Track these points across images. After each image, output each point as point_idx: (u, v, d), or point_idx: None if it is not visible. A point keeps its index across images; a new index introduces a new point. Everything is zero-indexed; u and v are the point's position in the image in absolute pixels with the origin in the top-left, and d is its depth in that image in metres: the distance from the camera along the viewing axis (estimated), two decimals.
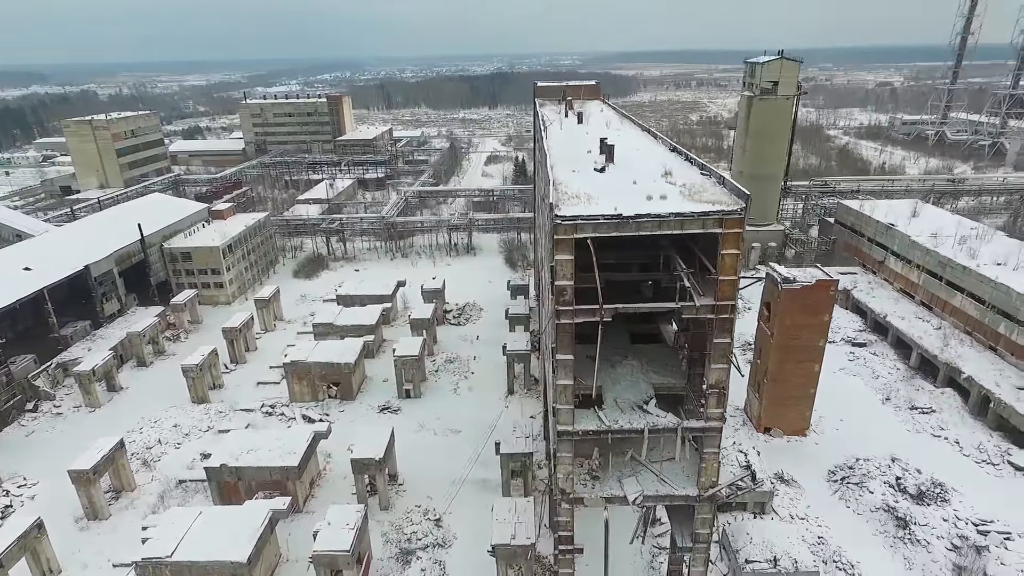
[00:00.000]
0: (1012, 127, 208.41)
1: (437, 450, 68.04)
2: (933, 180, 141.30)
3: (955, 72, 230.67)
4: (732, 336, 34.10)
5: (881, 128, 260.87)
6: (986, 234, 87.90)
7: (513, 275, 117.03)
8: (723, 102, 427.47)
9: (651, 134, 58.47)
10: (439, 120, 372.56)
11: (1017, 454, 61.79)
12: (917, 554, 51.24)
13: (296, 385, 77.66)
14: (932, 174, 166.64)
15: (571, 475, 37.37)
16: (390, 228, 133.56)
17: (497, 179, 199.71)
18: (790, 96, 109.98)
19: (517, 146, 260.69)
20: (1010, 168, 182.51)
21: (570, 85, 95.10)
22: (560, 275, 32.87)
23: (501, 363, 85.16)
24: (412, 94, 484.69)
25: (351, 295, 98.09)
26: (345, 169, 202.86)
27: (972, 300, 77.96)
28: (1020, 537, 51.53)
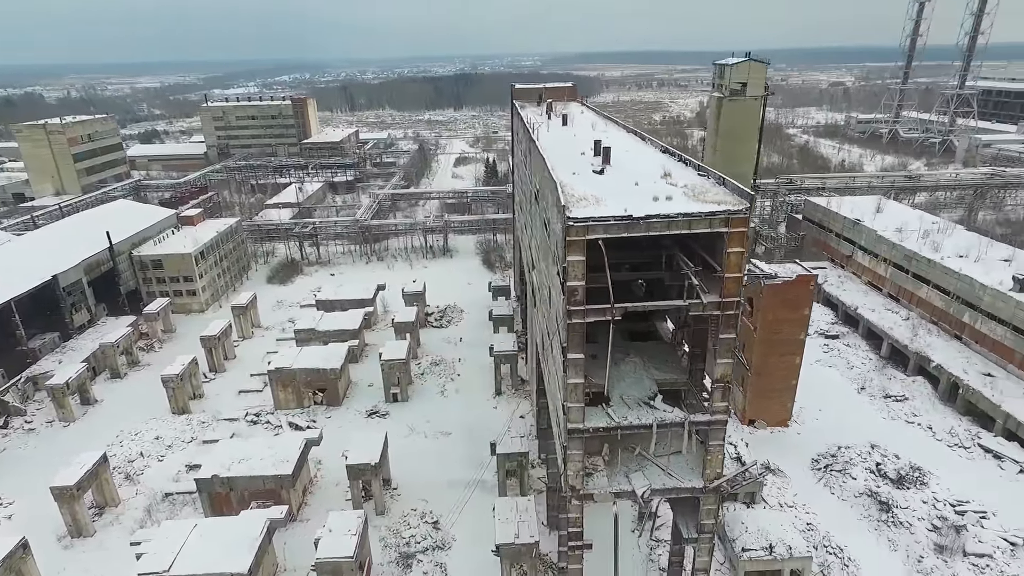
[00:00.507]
0: (960, 125, 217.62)
1: (429, 453, 68.03)
2: (892, 177, 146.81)
3: (906, 73, 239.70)
4: (737, 331, 35.21)
5: (838, 127, 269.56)
6: (947, 228, 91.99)
7: (491, 276, 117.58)
8: (684, 102, 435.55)
9: (637, 135, 59.59)
10: (404, 122, 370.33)
11: (986, 437, 64.92)
12: (900, 536, 53.50)
13: (281, 392, 76.61)
14: (889, 171, 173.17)
15: (581, 472, 38.01)
16: (365, 231, 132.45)
17: (468, 180, 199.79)
18: (758, 97, 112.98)
19: (485, 147, 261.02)
20: (959, 164, 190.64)
21: (548, 87, 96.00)
22: (572, 276, 33.44)
23: (486, 364, 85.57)
24: (375, 96, 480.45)
25: (331, 300, 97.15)
26: (313, 172, 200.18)
27: (937, 291, 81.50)
28: (994, 516, 54.26)
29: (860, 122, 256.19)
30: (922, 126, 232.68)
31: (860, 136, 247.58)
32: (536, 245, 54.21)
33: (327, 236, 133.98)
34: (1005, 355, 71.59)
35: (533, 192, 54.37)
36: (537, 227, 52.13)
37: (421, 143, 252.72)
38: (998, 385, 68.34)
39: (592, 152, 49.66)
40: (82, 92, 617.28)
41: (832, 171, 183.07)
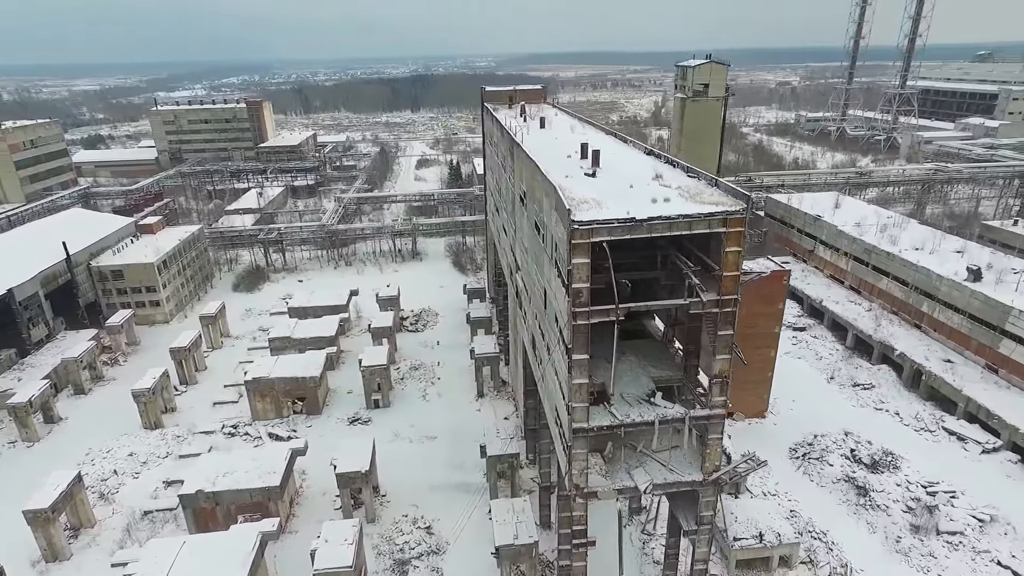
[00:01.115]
0: (902, 123, 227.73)
1: (415, 458, 67.73)
2: (846, 173, 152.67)
3: (851, 73, 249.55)
4: (735, 328, 36.37)
5: (788, 125, 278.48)
6: (902, 222, 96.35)
7: (463, 279, 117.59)
8: (639, 102, 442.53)
9: (618, 137, 60.62)
10: (361, 124, 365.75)
11: (950, 420, 68.40)
12: (878, 518, 55.96)
13: (259, 403, 75.04)
14: (840, 167, 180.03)
15: (585, 470, 38.62)
16: (331, 236, 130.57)
17: (431, 183, 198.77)
18: (719, 98, 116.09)
19: (446, 149, 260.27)
20: (904, 160, 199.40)
21: (518, 89, 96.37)
22: (577, 278, 33.98)
23: (466, 367, 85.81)
24: (330, 98, 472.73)
25: (304, 307, 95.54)
26: (272, 177, 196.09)
27: (897, 283, 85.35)
28: (963, 495, 57.27)
29: (809, 120, 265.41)
30: (867, 124, 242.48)
31: (810, 134, 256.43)
32: (524, 247, 54.64)
33: (293, 242, 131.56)
34: (962, 342, 75.53)
35: (519, 195, 54.81)
36: (525, 229, 52.58)
37: (382, 146, 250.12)
38: (957, 371, 72.10)
39: (579, 155, 50.40)
40: (15, 95, 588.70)
41: (786, 168, 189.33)
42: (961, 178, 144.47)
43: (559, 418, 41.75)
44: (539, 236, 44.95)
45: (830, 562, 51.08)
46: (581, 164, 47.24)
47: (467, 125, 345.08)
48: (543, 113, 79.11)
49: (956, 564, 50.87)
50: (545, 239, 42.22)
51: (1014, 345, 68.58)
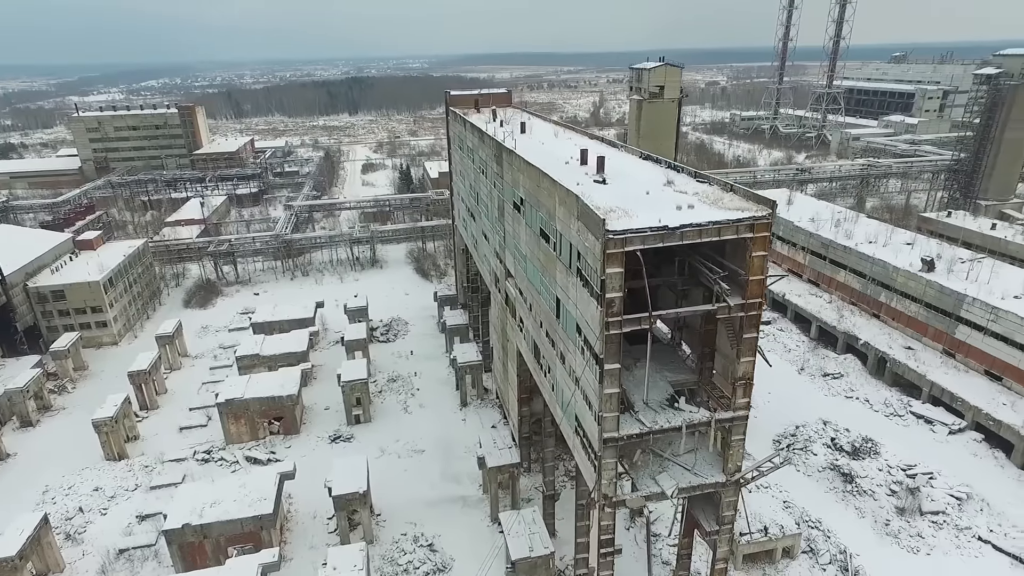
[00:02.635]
0: (831, 121, 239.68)
1: (406, 473, 66.04)
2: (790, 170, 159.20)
3: (781, 73, 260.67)
4: (758, 331, 37.02)
5: (724, 124, 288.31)
6: (853, 217, 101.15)
7: (427, 285, 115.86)
8: (577, 102, 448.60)
9: (605, 142, 60.94)
10: (298, 128, 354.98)
11: (916, 405, 72.19)
12: (865, 503, 58.40)
13: (232, 425, 71.38)
14: (779, 164, 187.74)
15: (614, 480, 38.47)
16: (286, 246, 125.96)
17: (380, 188, 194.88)
18: (675, 99, 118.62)
19: (390, 153, 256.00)
20: (835, 156, 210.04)
21: (483, 93, 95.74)
22: (611, 287, 33.76)
23: (444, 376, 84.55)
24: (262, 101, 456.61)
25: (269, 322, 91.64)
26: (211, 185, 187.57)
27: (855, 275, 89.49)
28: (939, 475, 60.48)
29: (744, 119, 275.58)
30: (798, 122, 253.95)
31: (745, 132, 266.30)
32: (519, 254, 54.04)
33: (245, 253, 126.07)
34: (919, 329, 79.91)
35: (512, 202, 54.18)
36: (522, 236, 52.02)
37: (327, 151, 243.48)
38: (919, 357, 76.22)
39: (579, 161, 50.28)
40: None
41: (728, 166, 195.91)
42: (893, 173, 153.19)
43: (580, 427, 41.44)
44: (548, 244, 44.50)
45: (829, 549, 52.88)
46: (585, 171, 47.11)
47: (409, 128, 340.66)
48: (517, 118, 78.69)
49: (943, 542, 53.66)
50: (559, 247, 41.79)
51: (969, 330, 73.03)
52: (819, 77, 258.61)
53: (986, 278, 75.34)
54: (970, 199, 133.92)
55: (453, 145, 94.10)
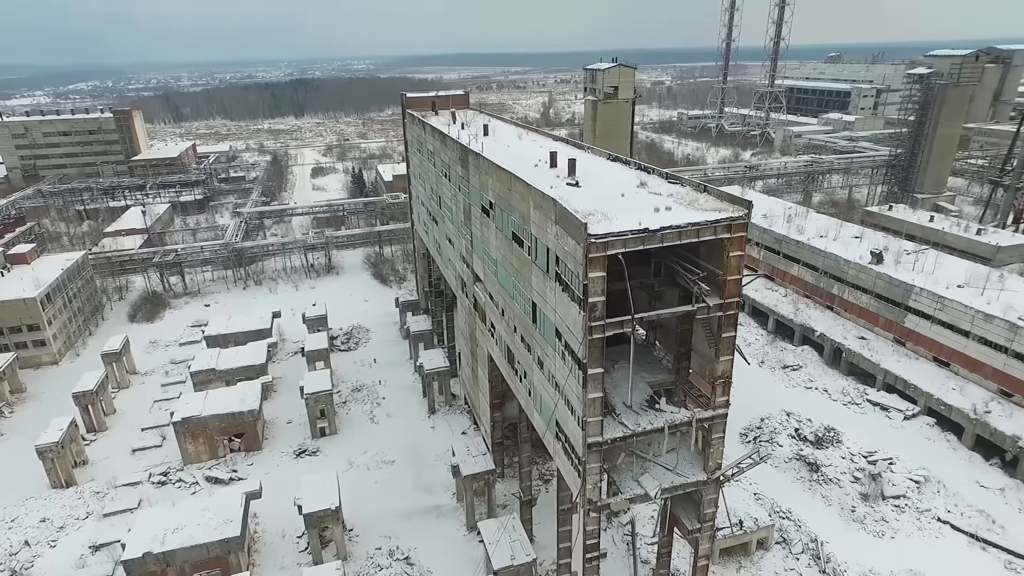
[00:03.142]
0: (774, 119, 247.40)
1: (377, 485, 64.46)
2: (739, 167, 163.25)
3: (725, 73, 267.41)
4: (736, 330, 37.43)
5: (672, 123, 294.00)
6: (804, 212, 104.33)
7: (387, 291, 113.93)
8: (527, 103, 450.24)
9: (571, 144, 60.88)
10: (242, 132, 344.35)
11: (872, 393, 74.81)
12: (832, 491, 60.09)
13: (190, 445, 68.26)
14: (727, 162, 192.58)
15: (599, 484, 38.26)
16: (237, 255, 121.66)
17: (332, 192, 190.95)
18: (629, 99, 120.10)
19: (340, 156, 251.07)
20: (779, 153, 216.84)
21: (440, 95, 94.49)
22: (593, 292, 33.51)
23: (410, 383, 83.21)
24: (202, 105, 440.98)
25: (223, 334, 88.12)
26: (152, 193, 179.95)
27: (808, 268, 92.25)
28: (898, 460, 62.73)
29: (691, 118, 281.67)
30: (742, 120, 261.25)
31: (692, 131, 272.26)
32: (489, 258, 53.37)
33: (193, 263, 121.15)
34: (871, 319, 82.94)
35: (481, 205, 53.46)
36: (493, 240, 51.38)
37: (275, 155, 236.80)
38: (872, 346, 79.10)
39: (548, 164, 49.96)
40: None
41: (678, 164, 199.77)
42: (836, 169, 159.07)
43: (562, 432, 41.10)
44: (522, 248, 44.01)
45: (801, 539, 54.12)
46: (556, 173, 46.81)
47: (357, 131, 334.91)
48: (479, 120, 77.95)
49: (905, 525, 55.66)
50: (534, 252, 41.33)
51: (917, 319, 76.19)
52: (761, 77, 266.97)
53: (931, 269, 78.74)
54: (907, 192, 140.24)
55: (411, 148, 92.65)
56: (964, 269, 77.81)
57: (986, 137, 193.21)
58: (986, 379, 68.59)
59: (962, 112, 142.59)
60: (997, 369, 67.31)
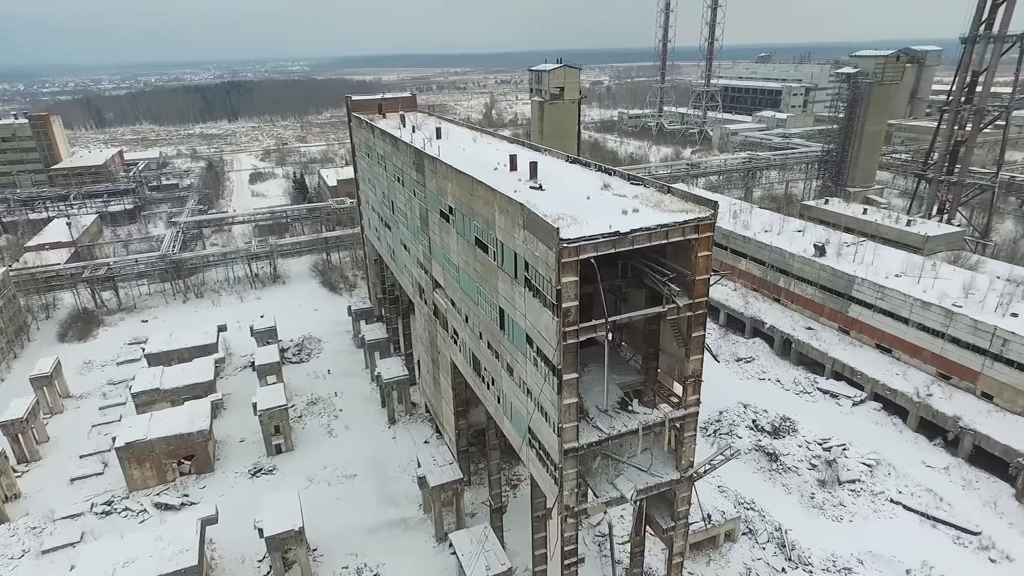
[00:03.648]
0: (711, 117, 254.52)
1: (340, 501, 62.40)
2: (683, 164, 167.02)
3: (663, 73, 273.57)
4: (705, 329, 37.82)
5: (613, 122, 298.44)
6: (747, 208, 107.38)
7: (337, 299, 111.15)
8: (468, 104, 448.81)
9: (527, 146, 60.52)
10: (173, 137, 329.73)
11: (821, 381, 77.52)
12: (791, 479, 61.85)
13: (135, 470, 64.44)
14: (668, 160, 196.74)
15: (575, 490, 37.97)
16: (175, 266, 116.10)
17: (273, 198, 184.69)
18: (575, 100, 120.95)
19: (279, 161, 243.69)
20: (717, 151, 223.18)
21: (386, 98, 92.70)
22: (566, 297, 33.16)
23: (367, 393, 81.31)
24: (127, 109, 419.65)
25: (165, 351, 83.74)
26: (77, 203, 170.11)
27: (755, 262, 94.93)
28: (851, 445, 65.16)
29: (631, 117, 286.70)
30: (681, 119, 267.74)
31: (633, 130, 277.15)
32: (450, 264, 52.40)
33: (127, 277, 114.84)
34: (816, 310, 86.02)
35: (440, 210, 52.44)
36: (453, 246, 50.45)
37: (210, 161, 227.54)
38: (819, 336, 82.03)
39: (507, 167, 49.41)
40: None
41: (623, 163, 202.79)
42: (773, 165, 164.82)
43: (535, 439, 40.61)
44: (486, 254, 43.30)
45: (766, 528, 55.41)
46: (518, 177, 46.29)
47: (296, 134, 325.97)
48: (430, 123, 76.70)
49: (862, 508, 57.77)
50: (500, 257, 40.70)
51: (860, 309, 79.45)
52: (697, 76, 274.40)
53: (870, 260, 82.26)
54: (840, 187, 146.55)
55: (359, 152, 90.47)
56: (901, 259, 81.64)
57: (907, 133, 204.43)
58: (925, 363, 72.10)
59: (887, 109, 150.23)
60: (935, 353, 70.82)
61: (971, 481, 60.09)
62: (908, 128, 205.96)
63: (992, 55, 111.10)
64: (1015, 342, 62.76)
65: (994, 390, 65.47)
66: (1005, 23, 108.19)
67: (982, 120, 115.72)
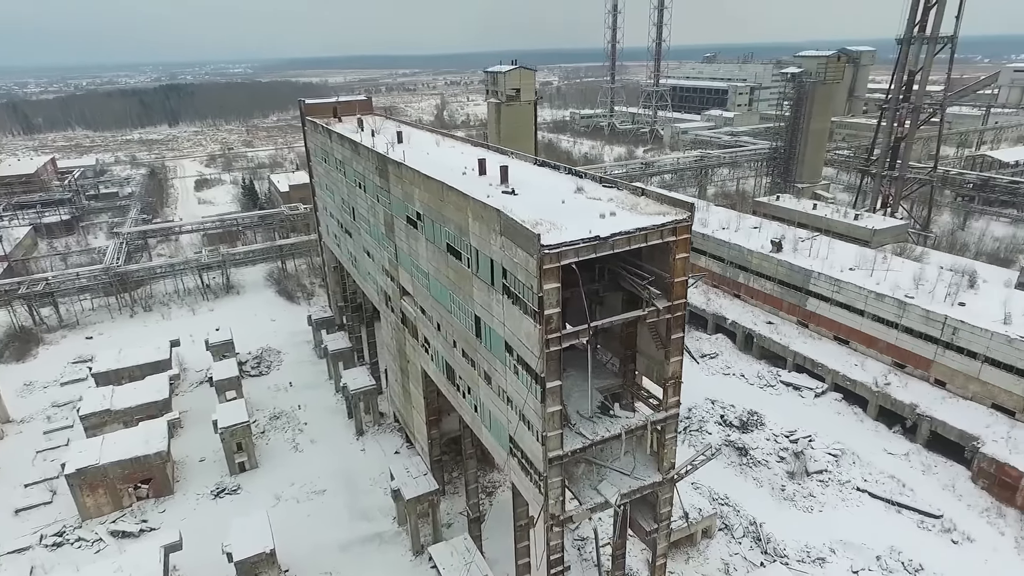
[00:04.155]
0: (661, 117, 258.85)
1: (310, 519, 60.41)
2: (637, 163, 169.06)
3: (612, 73, 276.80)
4: (684, 330, 37.92)
5: (565, 122, 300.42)
6: (704, 206, 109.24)
7: (295, 308, 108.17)
8: (418, 105, 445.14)
9: (491, 149, 59.81)
10: (109, 143, 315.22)
11: (784, 374, 79.37)
12: (761, 473, 62.96)
13: (88, 498, 60.91)
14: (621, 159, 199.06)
15: (560, 498, 37.51)
16: (121, 280, 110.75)
17: (220, 205, 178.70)
18: (531, 101, 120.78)
19: (226, 166, 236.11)
20: (668, 149, 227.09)
21: (341, 101, 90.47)
22: (549, 304, 32.66)
23: (332, 405, 79.40)
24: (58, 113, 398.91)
25: (115, 369, 79.63)
26: (8, 215, 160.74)
27: (714, 259, 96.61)
28: (816, 436, 66.81)
29: (583, 117, 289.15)
30: (631, 118, 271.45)
31: (585, 130, 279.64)
32: (418, 271, 51.29)
33: (67, 292, 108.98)
34: (775, 305, 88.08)
35: (407, 216, 51.27)
36: (423, 253, 49.36)
37: (152, 168, 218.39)
38: (779, 330, 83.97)
39: (477, 171, 48.57)
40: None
41: (578, 163, 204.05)
42: (724, 162, 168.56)
43: (517, 448, 39.98)
44: (459, 261, 42.44)
45: (741, 523, 56.20)
46: (488, 181, 45.55)
47: (242, 138, 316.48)
48: (389, 126, 75.15)
49: (831, 498, 59.24)
50: (474, 264, 39.92)
51: (817, 302, 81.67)
52: (646, 76, 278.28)
53: (825, 254, 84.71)
54: (789, 183, 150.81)
55: (315, 157, 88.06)
56: (854, 253, 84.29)
57: (847, 130, 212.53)
58: (881, 353, 74.60)
59: (829, 107, 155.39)
60: (890, 343, 73.34)
61: (930, 466, 62.40)
62: (848, 125, 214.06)
63: (926, 55, 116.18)
64: (964, 330, 65.47)
65: (946, 377, 68.19)
66: (937, 25, 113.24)
67: (919, 117, 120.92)
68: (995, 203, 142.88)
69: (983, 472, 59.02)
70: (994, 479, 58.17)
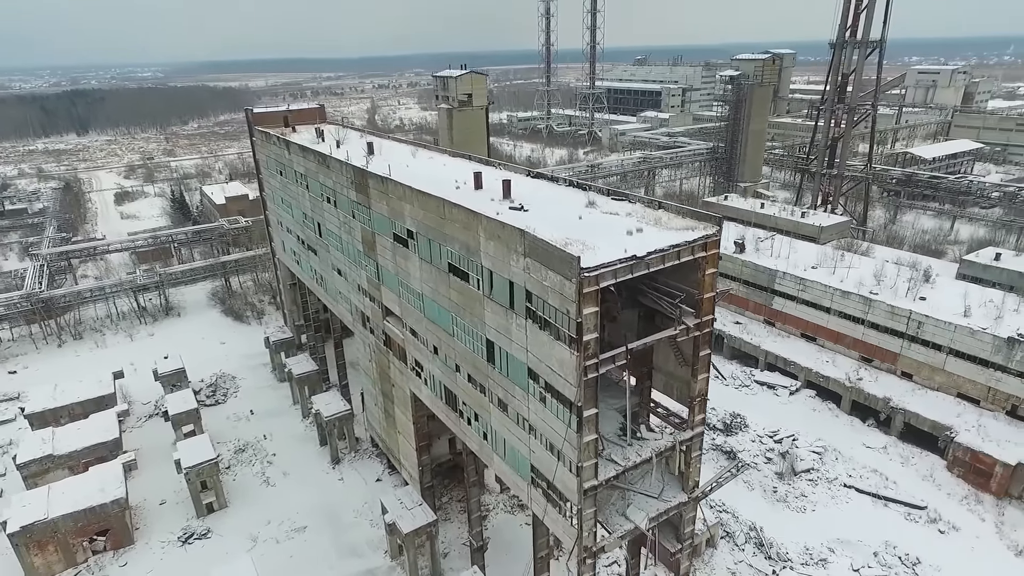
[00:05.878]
0: (598, 119, 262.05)
1: (293, 560, 56.13)
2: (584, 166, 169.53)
3: (548, 76, 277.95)
4: (711, 347, 36.99)
5: (503, 125, 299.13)
6: None
7: (246, 329, 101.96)
8: (348, 109, 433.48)
9: (475, 159, 57.45)
10: (10, 155, 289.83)
11: (757, 374, 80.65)
12: (751, 475, 63.35)
13: (37, 557, 54.46)
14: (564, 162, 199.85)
15: (594, 529, 35.84)
16: (44, 306, 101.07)
17: (146, 220, 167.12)
18: (483, 106, 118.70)
19: (147, 178, 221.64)
20: (608, 151, 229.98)
21: (292, 110, 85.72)
22: (587, 329, 30.89)
23: (301, 432, 75.05)
24: None
25: (52, 409, 72.00)
26: None
27: None
28: (798, 435, 67.95)
29: (521, 120, 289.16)
30: (569, 121, 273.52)
31: (524, 132, 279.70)
32: (408, 292, 48.42)
33: None
34: (742, 305, 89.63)
35: (395, 234, 48.30)
36: (415, 272, 46.56)
37: (66, 180, 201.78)
38: (749, 329, 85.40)
39: (472, 185, 46.18)
40: None
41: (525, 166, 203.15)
42: (667, 164, 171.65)
43: (540, 479, 37.94)
44: (466, 282, 40.00)
45: (741, 529, 56.17)
46: (490, 196, 43.27)
47: (164, 148, 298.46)
48: (354, 137, 71.37)
49: (821, 496, 60.22)
50: (487, 286, 37.61)
51: (783, 301, 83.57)
52: (580, 78, 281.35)
53: (786, 253, 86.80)
54: (732, 183, 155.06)
55: (267, 170, 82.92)
56: (814, 251, 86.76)
57: (777, 129, 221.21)
58: (848, 349, 76.95)
59: (766, 108, 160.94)
60: (857, 339, 75.72)
61: (908, 457, 64.57)
62: (777, 125, 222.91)
63: (858, 58, 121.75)
64: (929, 324, 68.21)
65: (912, 369, 70.92)
66: (867, 30, 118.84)
67: (854, 118, 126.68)
68: (918, 197, 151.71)
69: (958, 461, 61.47)
70: (969, 467, 60.67)
